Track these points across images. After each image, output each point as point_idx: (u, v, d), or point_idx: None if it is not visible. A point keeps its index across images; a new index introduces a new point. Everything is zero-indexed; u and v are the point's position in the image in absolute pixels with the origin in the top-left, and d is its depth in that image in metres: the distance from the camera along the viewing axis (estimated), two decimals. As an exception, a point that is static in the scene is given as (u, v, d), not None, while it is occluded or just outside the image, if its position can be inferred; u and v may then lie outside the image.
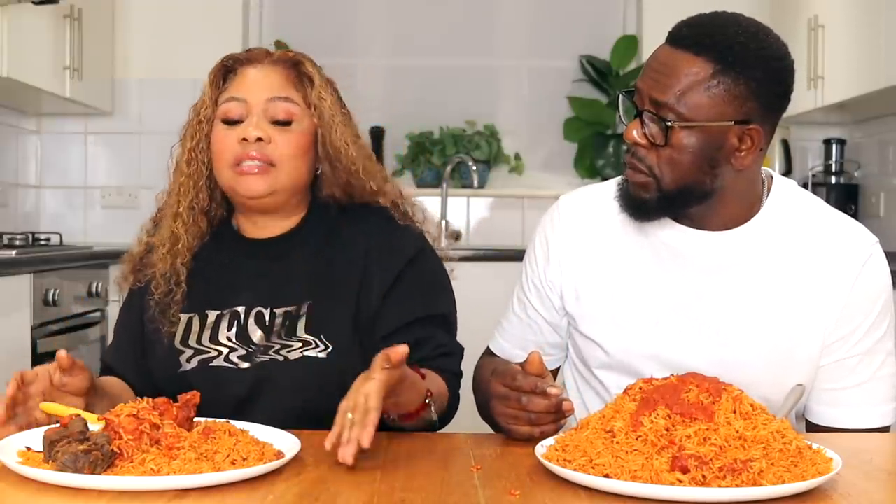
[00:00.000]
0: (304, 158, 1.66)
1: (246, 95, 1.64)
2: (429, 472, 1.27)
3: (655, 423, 1.18)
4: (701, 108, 1.46)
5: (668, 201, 1.52)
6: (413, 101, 4.76)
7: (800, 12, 4.13)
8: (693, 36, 1.48)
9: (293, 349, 1.59)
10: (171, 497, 1.13)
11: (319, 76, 1.68)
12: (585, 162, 4.77)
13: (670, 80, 1.47)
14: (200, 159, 1.67)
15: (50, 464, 1.20)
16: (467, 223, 4.78)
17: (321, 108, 1.66)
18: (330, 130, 1.66)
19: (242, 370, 1.60)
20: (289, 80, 1.67)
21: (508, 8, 4.88)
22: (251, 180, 1.61)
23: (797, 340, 1.57)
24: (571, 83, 4.83)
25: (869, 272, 1.57)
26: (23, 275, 3.10)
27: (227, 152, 1.63)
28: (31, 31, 3.75)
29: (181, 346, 1.64)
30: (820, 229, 1.60)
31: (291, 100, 1.65)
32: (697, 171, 1.50)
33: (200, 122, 1.68)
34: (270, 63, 1.68)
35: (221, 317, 1.65)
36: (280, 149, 1.62)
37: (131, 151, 4.69)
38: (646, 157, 1.51)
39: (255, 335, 1.62)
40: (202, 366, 1.62)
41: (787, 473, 1.15)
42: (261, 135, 1.61)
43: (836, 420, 1.60)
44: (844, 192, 4.40)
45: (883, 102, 3.85)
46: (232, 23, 4.71)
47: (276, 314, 1.62)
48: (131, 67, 4.69)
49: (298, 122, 1.65)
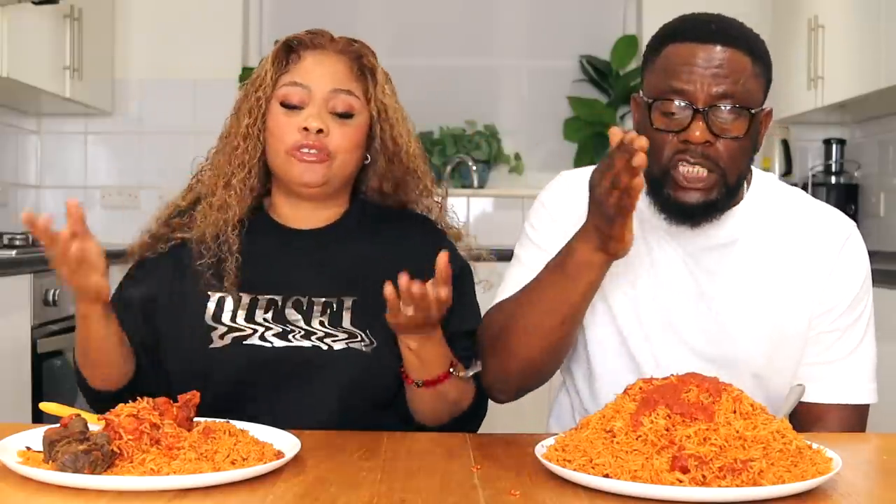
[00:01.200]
0: (358, 152, 1.66)
1: (309, 82, 1.64)
2: (429, 472, 1.27)
3: (655, 423, 1.18)
4: (754, 94, 1.54)
5: (729, 196, 1.56)
6: (413, 101, 4.73)
7: (800, 12, 4.13)
8: (725, 31, 1.54)
9: (338, 339, 1.58)
10: (171, 497, 1.13)
11: (381, 70, 1.69)
12: (585, 162, 4.77)
13: (729, 72, 1.51)
14: (256, 136, 1.65)
15: (50, 464, 1.20)
16: (467, 223, 4.77)
17: (386, 102, 1.67)
18: (393, 125, 1.67)
19: (278, 349, 1.57)
20: (351, 72, 1.66)
21: (508, 8, 4.88)
22: (307, 168, 1.61)
23: (786, 315, 1.62)
24: (571, 83, 4.84)
25: (848, 251, 1.64)
26: (23, 275, 3.11)
27: (286, 137, 1.62)
28: (31, 31, 3.75)
29: (213, 321, 1.60)
30: (800, 214, 1.66)
31: (353, 93, 1.65)
32: (751, 156, 1.58)
33: (259, 98, 1.65)
34: (335, 51, 1.67)
35: (257, 301, 1.62)
36: (337, 141, 1.62)
37: (131, 151, 4.69)
38: (710, 153, 1.52)
39: (291, 317, 1.60)
40: (236, 344, 1.58)
41: (787, 473, 1.15)
42: (322, 126, 1.61)
43: (817, 395, 1.63)
44: (844, 192, 4.40)
45: (883, 102, 3.85)
46: (232, 23, 4.71)
47: (314, 303, 1.61)
48: (131, 67, 4.69)
49: (358, 114, 1.65)
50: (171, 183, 5.17)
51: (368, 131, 1.68)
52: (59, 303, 3.28)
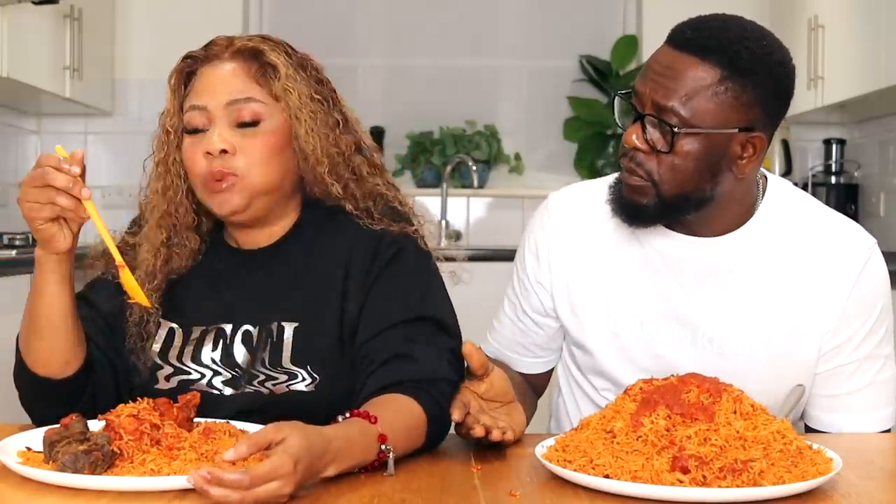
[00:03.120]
0: (279, 158, 1.50)
1: (205, 101, 1.49)
2: (429, 473, 1.27)
3: (656, 424, 1.18)
4: (707, 114, 1.42)
5: (665, 208, 1.48)
6: (413, 101, 4.76)
7: (800, 12, 4.13)
8: (698, 39, 1.43)
9: (279, 382, 1.46)
10: (172, 497, 1.13)
11: (286, 62, 1.50)
12: (585, 162, 4.77)
13: (675, 84, 1.42)
14: (175, 173, 1.53)
15: (50, 464, 1.20)
16: (467, 223, 4.78)
17: (286, 100, 1.49)
18: (297, 125, 1.49)
19: (225, 397, 1.47)
20: (250, 76, 1.50)
21: (508, 8, 4.88)
22: (222, 200, 1.48)
23: (794, 347, 1.55)
24: (571, 83, 4.83)
25: (866, 277, 1.54)
26: (23, 275, 3.10)
27: (195, 166, 1.49)
28: (31, 31, 3.75)
29: (160, 360, 1.51)
30: (816, 232, 1.56)
31: (254, 98, 1.49)
32: (699, 178, 1.45)
33: (168, 132, 1.54)
34: (230, 57, 1.51)
35: (206, 333, 1.51)
36: (248, 157, 1.47)
37: (131, 151, 4.65)
38: (645, 162, 1.46)
39: (239, 356, 1.49)
40: (182, 387, 1.47)
41: (788, 474, 1.15)
42: (224, 146, 1.46)
43: (835, 425, 1.58)
44: (844, 192, 4.40)
45: (883, 102, 3.85)
46: (232, 23, 4.71)
47: (262, 334, 1.50)
48: (131, 67, 4.69)
49: (268, 119, 1.49)
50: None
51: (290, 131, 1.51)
52: (59, 303, 3.28)
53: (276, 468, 1.08)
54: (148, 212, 1.56)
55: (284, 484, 1.09)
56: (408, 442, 1.32)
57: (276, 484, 1.08)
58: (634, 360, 1.59)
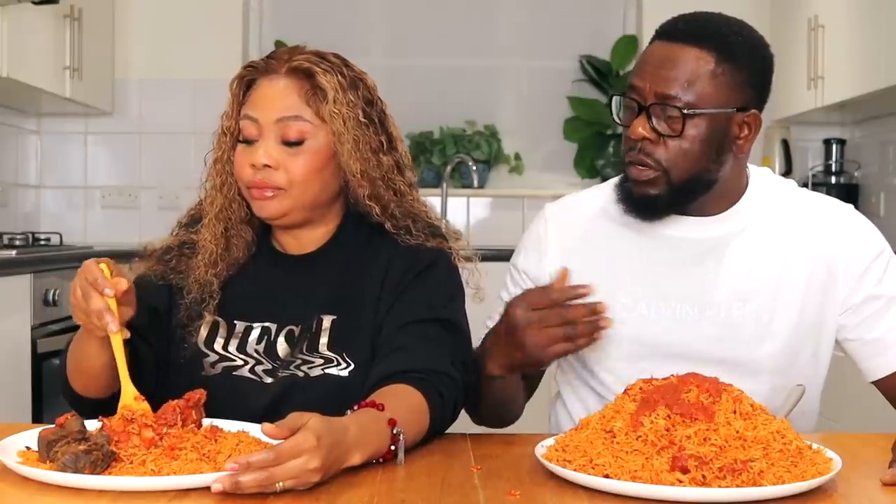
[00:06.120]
0: (319, 176, 1.58)
1: (258, 114, 1.57)
2: (429, 472, 1.27)
3: (655, 424, 1.18)
4: (709, 96, 1.51)
5: (676, 195, 1.56)
6: (413, 101, 4.75)
7: (800, 12, 4.13)
8: (691, 29, 1.54)
9: (314, 365, 1.55)
10: (172, 497, 1.13)
11: (336, 85, 1.58)
12: (585, 162, 4.77)
13: (675, 72, 1.51)
14: (229, 171, 1.62)
15: (48, 463, 1.20)
16: (467, 223, 4.78)
17: (333, 125, 1.57)
18: (340, 147, 1.57)
19: (266, 384, 1.55)
20: (301, 95, 1.57)
21: (508, 8, 4.88)
22: (262, 205, 1.57)
23: (797, 309, 1.61)
24: (571, 83, 4.84)
25: (854, 227, 1.64)
26: (23, 275, 3.11)
27: (242, 173, 1.58)
28: (31, 31, 3.75)
29: (206, 348, 1.60)
30: (801, 201, 1.66)
31: (302, 118, 1.56)
32: (706, 160, 1.54)
33: (225, 133, 1.62)
34: (286, 73, 1.58)
35: (251, 329, 1.60)
36: (290, 173, 1.56)
37: (131, 151, 4.68)
38: (654, 151, 1.53)
39: (281, 351, 1.58)
40: (226, 373, 1.57)
41: (787, 473, 1.15)
42: (269, 161, 1.55)
43: (892, 364, 1.62)
44: (844, 192, 4.39)
45: (883, 102, 3.85)
46: (232, 23, 4.71)
47: (303, 331, 1.58)
48: (131, 67, 4.69)
49: (312, 138, 1.57)
50: (171, 183, 5.17)
51: (335, 150, 1.59)
52: (59, 303, 3.28)
53: (299, 443, 1.15)
54: (208, 205, 1.65)
55: (311, 458, 1.15)
56: (414, 426, 1.38)
57: (303, 458, 1.14)
58: (644, 343, 1.62)
